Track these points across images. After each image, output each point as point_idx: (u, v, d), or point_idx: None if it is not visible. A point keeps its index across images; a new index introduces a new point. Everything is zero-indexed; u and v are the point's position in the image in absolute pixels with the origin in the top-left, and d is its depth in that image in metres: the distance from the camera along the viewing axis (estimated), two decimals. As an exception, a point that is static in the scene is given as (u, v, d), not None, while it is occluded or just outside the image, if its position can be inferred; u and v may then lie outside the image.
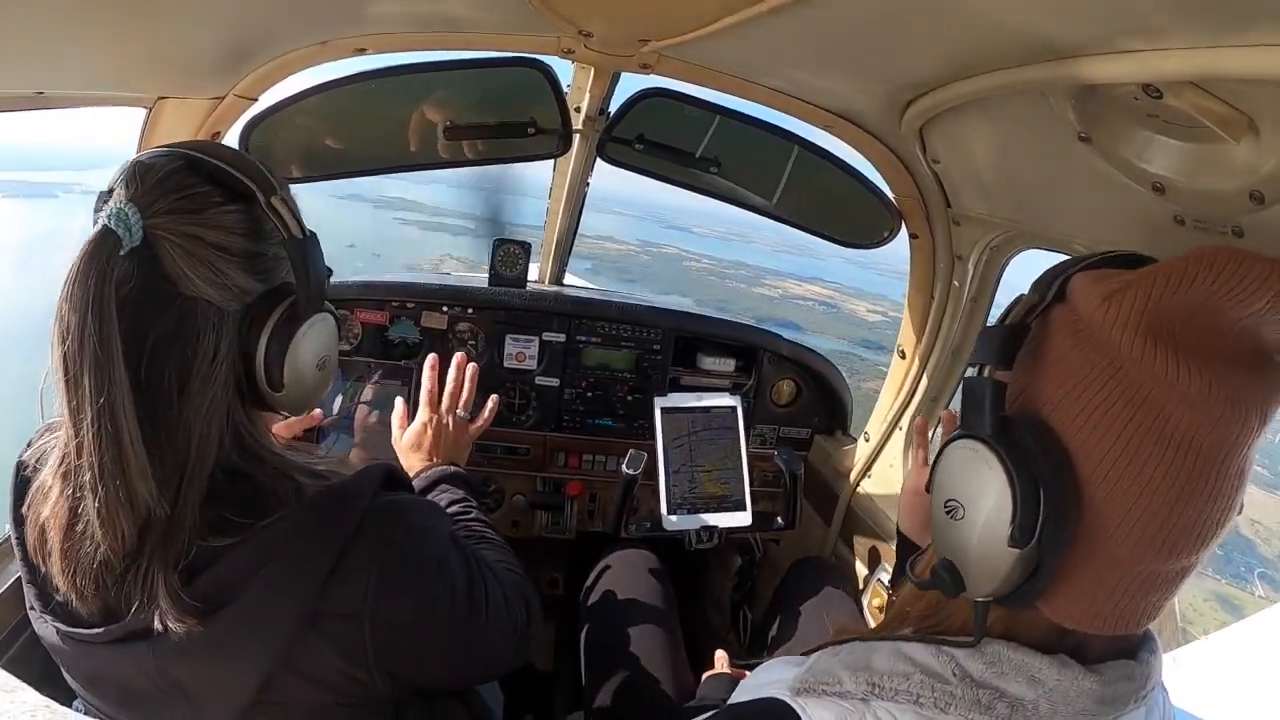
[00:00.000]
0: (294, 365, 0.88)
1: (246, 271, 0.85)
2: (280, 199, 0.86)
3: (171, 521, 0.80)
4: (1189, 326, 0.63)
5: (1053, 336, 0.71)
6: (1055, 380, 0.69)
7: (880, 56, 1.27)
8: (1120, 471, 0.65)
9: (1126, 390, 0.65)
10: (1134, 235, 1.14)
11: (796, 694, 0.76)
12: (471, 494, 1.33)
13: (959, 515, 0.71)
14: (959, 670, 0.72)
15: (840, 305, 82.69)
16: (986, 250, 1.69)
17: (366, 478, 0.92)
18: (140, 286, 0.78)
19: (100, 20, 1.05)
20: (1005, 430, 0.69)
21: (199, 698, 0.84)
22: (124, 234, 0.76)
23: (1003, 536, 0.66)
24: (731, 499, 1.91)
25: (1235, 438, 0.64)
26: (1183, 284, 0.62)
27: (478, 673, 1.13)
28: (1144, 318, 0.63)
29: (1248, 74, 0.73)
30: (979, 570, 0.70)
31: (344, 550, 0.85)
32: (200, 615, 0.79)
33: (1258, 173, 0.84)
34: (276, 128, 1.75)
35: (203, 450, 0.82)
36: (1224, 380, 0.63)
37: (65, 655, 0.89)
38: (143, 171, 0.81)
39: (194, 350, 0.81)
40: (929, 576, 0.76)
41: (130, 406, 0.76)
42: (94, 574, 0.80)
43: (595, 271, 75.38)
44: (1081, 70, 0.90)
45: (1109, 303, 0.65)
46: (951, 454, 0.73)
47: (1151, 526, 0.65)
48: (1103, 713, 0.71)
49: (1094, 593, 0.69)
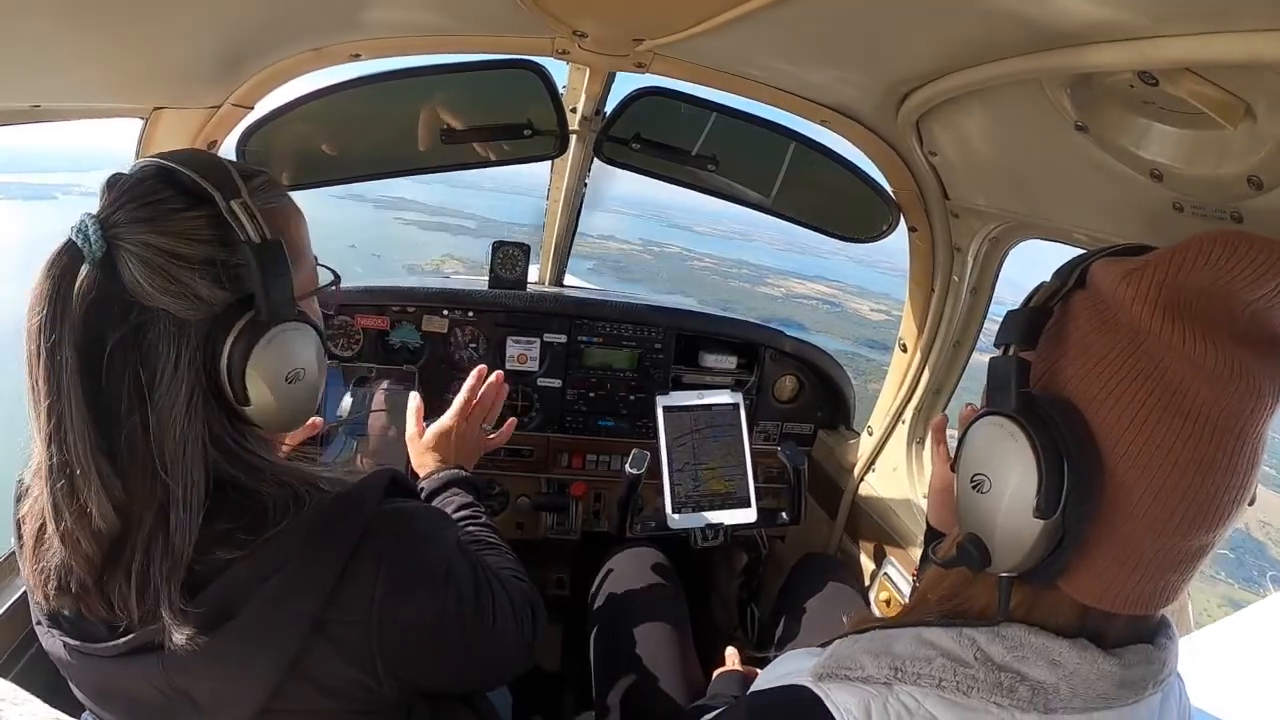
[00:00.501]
0: (259, 378, 0.84)
1: (208, 280, 0.81)
2: (242, 203, 0.82)
3: (167, 533, 0.80)
4: (1205, 305, 0.65)
5: (1074, 319, 0.73)
6: (1077, 359, 0.71)
7: (875, 49, 1.26)
8: (1141, 444, 0.66)
9: (1146, 365, 0.66)
10: (1133, 223, 1.14)
11: (820, 680, 0.77)
12: (479, 499, 1.33)
13: (985, 488, 0.73)
14: (980, 654, 0.73)
15: (844, 304, 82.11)
16: (985, 241, 1.69)
17: (371, 485, 0.92)
18: (99, 298, 0.77)
19: (94, 32, 1.05)
20: (1030, 406, 0.70)
21: (208, 708, 0.84)
22: (84, 246, 0.76)
23: (1028, 507, 0.68)
24: (736, 496, 1.91)
25: (1250, 412, 0.65)
26: (1199, 262, 0.65)
27: (484, 678, 1.13)
28: (1162, 292, 0.66)
29: (1244, 59, 0.72)
30: (1005, 542, 0.71)
31: (350, 557, 0.85)
32: (205, 627, 0.79)
33: (1255, 158, 0.84)
34: (273, 135, 1.75)
35: (182, 462, 0.80)
36: (1238, 357, 0.64)
37: (73, 669, 0.89)
38: (114, 182, 0.82)
39: (153, 359, 0.79)
40: (954, 553, 0.77)
41: (80, 413, 0.76)
42: (55, 573, 0.81)
43: (597, 271, 74.79)
44: (1077, 59, 0.90)
45: (1129, 279, 0.67)
46: (978, 430, 0.74)
47: (1172, 499, 0.66)
48: (1122, 696, 0.72)
49: (1115, 569, 0.70)
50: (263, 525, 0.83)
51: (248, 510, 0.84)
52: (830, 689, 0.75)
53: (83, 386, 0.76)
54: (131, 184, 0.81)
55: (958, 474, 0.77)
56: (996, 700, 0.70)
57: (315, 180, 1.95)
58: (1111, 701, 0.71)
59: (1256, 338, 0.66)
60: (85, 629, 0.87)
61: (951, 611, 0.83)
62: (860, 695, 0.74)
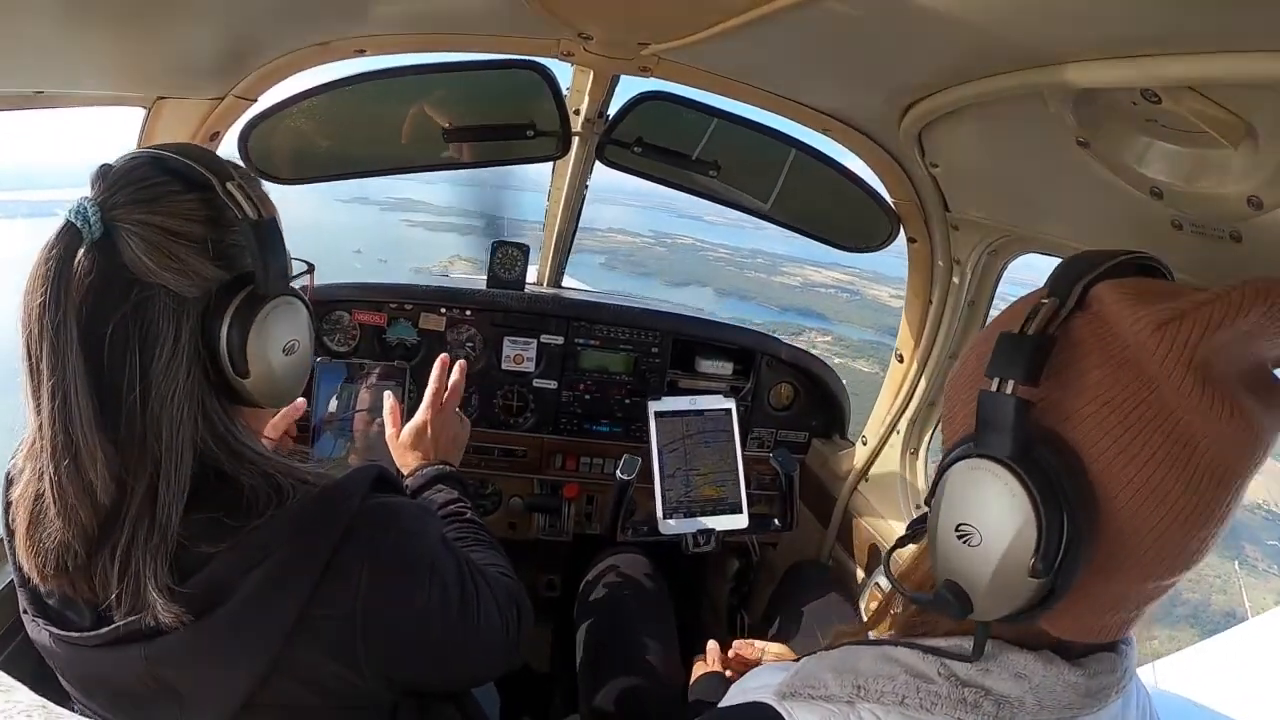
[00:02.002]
0: (258, 350, 0.87)
1: (206, 258, 0.85)
2: (237, 185, 0.86)
3: (153, 513, 0.81)
4: (1230, 360, 0.63)
5: (1078, 350, 0.67)
6: (1080, 397, 0.66)
7: (879, 61, 1.27)
8: (1145, 495, 0.63)
9: (1159, 414, 0.63)
10: (1132, 240, 1.14)
11: (783, 699, 0.76)
12: (465, 494, 1.33)
13: (974, 541, 0.67)
14: (944, 670, 0.72)
15: (862, 291, 79.96)
16: (984, 254, 1.69)
17: (357, 479, 0.93)
18: (99, 276, 0.80)
19: (99, 21, 1.05)
20: (1028, 453, 0.65)
21: (191, 700, 0.84)
22: (83, 226, 0.78)
23: (1023, 566, 0.64)
24: (728, 502, 1.91)
25: (1253, 465, 0.64)
26: (1239, 317, 0.61)
27: (468, 676, 1.13)
28: (1197, 352, 0.62)
29: (1246, 79, 0.73)
30: (991, 596, 0.67)
31: (334, 552, 0.85)
32: (193, 610, 0.80)
33: (1256, 178, 0.84)
34: (275, 129, 1.75)
35: (175, 441, 0.82)
36: (1249, 409, 0.62)
37: (58, 658, 0.89)
38: (106, 171, 0.84)
39: (153, 337, 0.82)
40: (930, 596, 0.73)
41: (84, 390, 0.78)
42: (55, 554, 0.81)
43: (609, 266, 73.41)
44: (1080, 75, 0.90)
45: (1163, 333, 0.63)
46: (967, 474, 0.68)
47: (1169, 550, 0.65)
48: (1087, 705, 0.71)
49: (1094, 610, 0.70)
50: (248, 516, 0.84)
51: (234, 500, 0.85)
52: (793, 708, 0.75)
53: (85, 365, 0.78)
54: (125, 171, 0.84)
55: (938, 514, 0.71)
56: (960, 716, 0.69)
57: (315, 175, 1.95)
58: (1077, 712, 0.71)
59: (1259, 384, 0.65)
60: (70, 619, 0.87)
61: (915, 631, 0.81)
62: (822, 713, 0.73)
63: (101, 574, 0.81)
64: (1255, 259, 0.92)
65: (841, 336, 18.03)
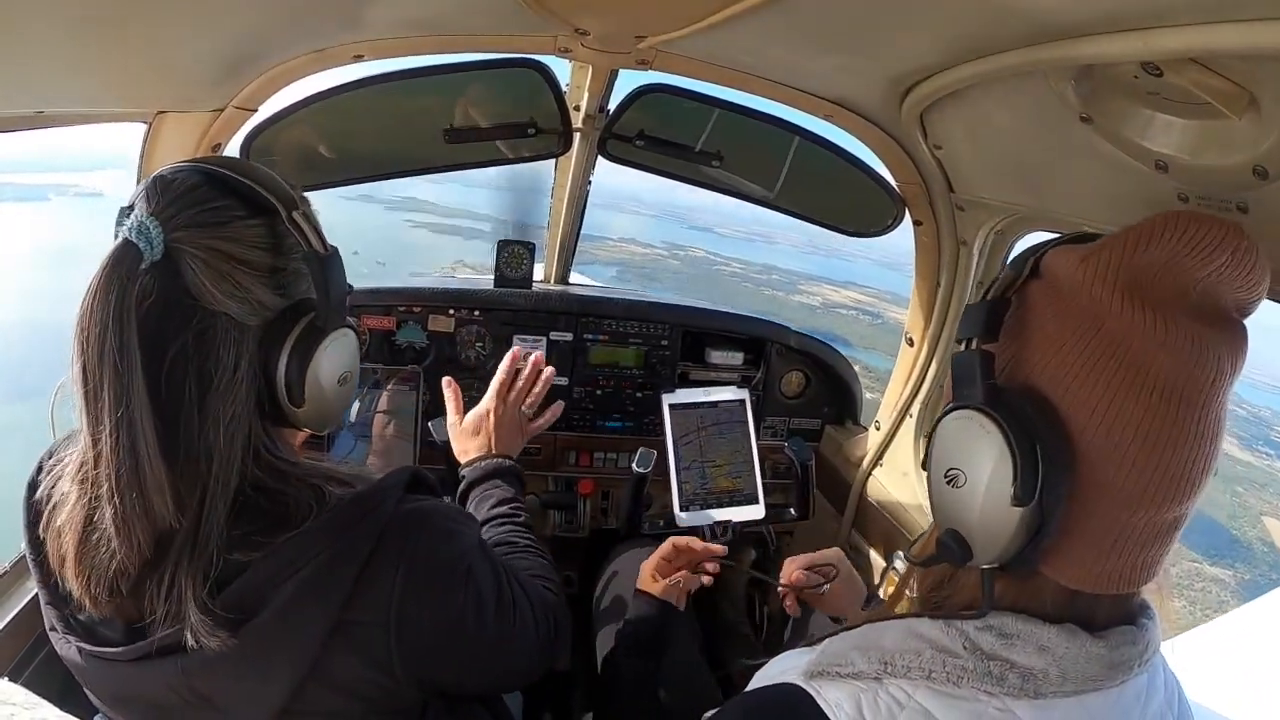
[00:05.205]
0: (314, 381, 0.88)
1: (268, 286, 0.85)
2: (303, 214, 0.86)
3: (196, 536, 0.80)
4: (1160, 283, 0.68)
5: (1033, 308, 0.75)
6: (1039, 347, 0.73)
7: (878, 43, 1.26)
8: (1110, 422, 0.68)
9: (1108, 344, 0.68)
10: (1137, 214, 1.11)
11: (810, 678, 0.77)
12: (521, 492, 1.33)
13: (960, 482, 0.73)
14: (969, 644, 0.73)
15: (884, 314, 79.33)
16: (991, 234, 1.68)
17: (390, 484, 0.92)
18: (160, 300, 0.79)
19: (96, 38, 1.05)
20: (997, 396, 0.72)
21: (228, 710, 0.85)
22: (145, 247, 0.77)
23: (1006, 496, 0.69)
24: (744, 493, 1.91)
25: (1211, 384, 0.67)
26: (1152, 242, 0.67)
27: (502, 681, 1.13)
28: (1120, 273, 0.68)
29: (1248, 49, 0.72)
30: (985, 534, 0.72)
31: (369, 558, 0.85)
32: (230, 627, 0.79)
33: (1260, 148, 0.83)
34: (277, 137, 1.76)
35: (224, 466, 0.82)
36: (1195, 332, 0.67)
37: (88, 674, 0.89)
38: (163, 185, 0.82)
39: (213, 364, 0.82)
40: (935, 549, 0.78)
41: (149, 419, 0.77)
42: (109, 580, 0.80)
43: (622, 278, 72.55)
44: (1081, 50, 0.89)
45: (1086, 262, 0.70)
46: (948, 425, 0.75)
47: (1145, 474, 0.67)
48: (1110, 677, 0.72)
49: (1095, 549, 0.71)
50: (283, 527, 0.83)
51: (274, 512, 0.85)
52: (821, 686, 0.75)
53: (148, 390, 0.77)
54: (185, 189, 0.82)
55: (930, 471, 0.78)
56: (987, 689, 0.70)
57: (319, 182, 1.95)
58: (1100, 684, 0.71)
59: (1209, 312, 0.68)
60: (101, 634, 0.87)
61: (936, 605, 0.84)
62: (851, 691, 0.74)
63: (149, 595, 0.81)
64: (1262, 231, 0.90)
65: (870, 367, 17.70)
